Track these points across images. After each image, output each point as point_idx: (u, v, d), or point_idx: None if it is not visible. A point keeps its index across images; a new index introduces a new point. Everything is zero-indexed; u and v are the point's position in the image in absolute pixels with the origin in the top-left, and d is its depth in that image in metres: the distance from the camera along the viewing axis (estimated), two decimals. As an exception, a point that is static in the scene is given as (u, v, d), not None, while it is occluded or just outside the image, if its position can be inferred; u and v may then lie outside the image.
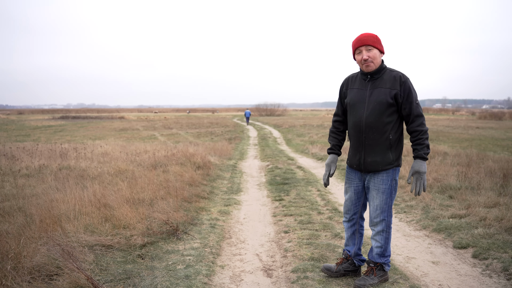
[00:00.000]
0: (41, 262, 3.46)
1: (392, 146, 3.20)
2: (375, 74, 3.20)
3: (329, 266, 3.50)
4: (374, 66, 3.17)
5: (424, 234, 4.81)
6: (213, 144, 16.39)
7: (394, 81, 3.13)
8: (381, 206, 3.25)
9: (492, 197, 5.82)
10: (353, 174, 3.41)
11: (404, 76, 3.16)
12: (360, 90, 3.26)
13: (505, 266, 3.60)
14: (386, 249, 3.32)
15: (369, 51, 3.15)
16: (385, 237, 3.30)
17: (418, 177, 3.09)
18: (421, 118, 3.14)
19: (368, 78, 3.23)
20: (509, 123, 39.24)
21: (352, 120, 3.30)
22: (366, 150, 3.23)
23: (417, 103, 3.14)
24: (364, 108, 3.20)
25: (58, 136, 24.96)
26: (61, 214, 4.79)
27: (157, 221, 4.84)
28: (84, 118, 59.03)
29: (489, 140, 18.93)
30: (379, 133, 3.16)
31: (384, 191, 3.23)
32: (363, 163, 3.26)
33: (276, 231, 5.01)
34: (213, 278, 3.59)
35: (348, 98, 3.34)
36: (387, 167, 3.19)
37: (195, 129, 30.37)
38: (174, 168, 8.55)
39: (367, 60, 3.15)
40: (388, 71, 3.21)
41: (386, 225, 3.28)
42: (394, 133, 3.19)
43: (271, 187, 7.80)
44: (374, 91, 3.18)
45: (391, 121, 3.16)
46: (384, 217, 3.26)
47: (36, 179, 7.89)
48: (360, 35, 3.21)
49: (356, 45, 3.19)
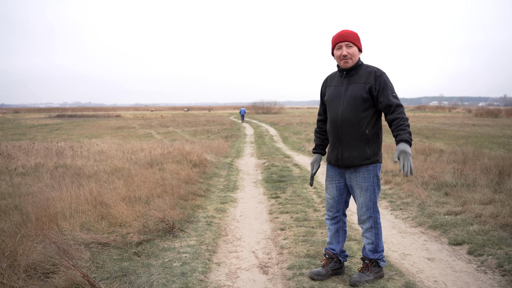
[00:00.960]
0: (37, 260, 3.46)
1: (370, 141, 3.20)
2: (351, 70, 3.24)
3: (318, 271, 3.45)
4: (352, 63, 3.20)
5: (420, 231, 4.83)
6: (210, 142, 16.39)
7: (369, 76, 3.17)
8: (366, 204, 3.27)
9: (488, 194, 5.85)
10: (333, 171, 3.42)
11: (379, 71, 3.19)
12: (337, 87, 3.30)
13: (500, 263, 3.62)
14: (378, 244, 3.34)
15: (349, 48, 3.18)
16: (375, 233, 3.32)
17: (404, 156, 2.94)
18: (401, 107, 3.10)
19: (344, 75, 3.27)
20: (505, 120, 39.40)
21: (329, 117, 3.34)
22: (343, 145, 3.24)
23: (394, 95, 3.12)
24: (340, 103, 3.23)
25: (54, 135, 24.89)
26: (57, 212, 4.78)
27: (153, 218, 4.84)
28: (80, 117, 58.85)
29: (485, 138, 19.01)
30: (355, 128, 3.17)
31: (367, 188, 3.24)
32: (341, 158, 3.27)
33: (272, 229, 5.02)
34: (209, 275, 3.60)
35: (326, 95, 3.40)
36: (364, 162, 3.20)
37: (192, 127, 30.35)
38: (171, 166, 8.54)
39: (346, 56, 3.17)
40: (364, 67, 3.25)
41: (374, 221, 3.30)
42: (371, 128, 3.19)
43: (268, 184, 7.81)
44: (350, 86, 3.21)
45: (367, 115, 3.17)
46: (371, 214, 3.28)
47: (32, 178, 7.87)
48: (342, 31, 3.24)
49: (337, 40, 3.21)
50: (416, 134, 21.14)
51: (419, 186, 6.75)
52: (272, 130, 27.14)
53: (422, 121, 36.15)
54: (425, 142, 16.15)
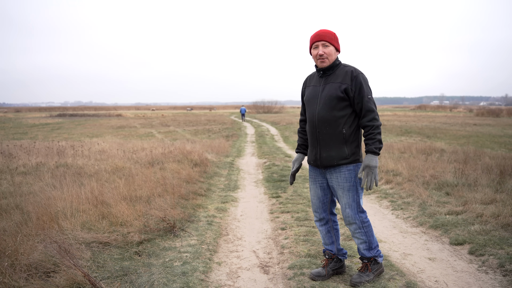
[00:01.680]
0: (38, 259, 3.46)
1: (347, 140, 3.17)
2: (328, 70, 3.23)
3: (318, 272, 3.44)
4: (328, 62, 3.19)
5: (421, 231, 4.82)
6: (210, 141, 16.39)
7: (345, 76, 3.15)
8: (350, 204, 3.23)
9: (489, 194, 5.84)
10: (314, 171, 3.40)
11: (356, 71, 3.17)
12: (315, 87, 3.30)
13: (501, 262, 3.61)
14: (371, 241, 3.30)
15: (325, 47, 3.17)
16: (364, 232, 3.27)
17: (368, 171, 3.05)
18: (372, 113, 3.11)
19: (321, 74, 3.27)
20: (506, 120, 39.33)
21: (307, 117, 3.34)
22: (320, 145, 3.23)
23: (369, 98, 3.12)
24: (317, 103, 3.23)
25: (55, 134, 24.91)
26: (58, 211, 4.79)
27: (154, 218, 4.84)
28: (81, 116, 58.88)
29: (486, 137, 18.98)
30: (332, 127, 3.16)
31: (350, 188, 3.20)
32: (319, 158, 3.25)
33: (273, 228, 5.01)
34: (210, 274, 3.60)
35: (305, 95, 3.41)
36: (342, 161, 3.17)
37: (192, 127, 30.35)
38: (171, 166, 8.54)
39: (322, 55, 3.16)
40: (342, 67, 3.23)
41: (360, 222, 3.25)
42: (348, 127, 3.17)
43: (268, 184, 7.81)
44: (326, 86, 3.20)
45: (343, 115, 3.15)
46: (355, 214, 3.23)
47: (33, 177, 7.88)
48: (319, 30, 3.22)
49: (314, 39, 3.20)
50: (417, 133, 21.12)
51: (420, 186, 6.74)
52: (273, 129, 27.13)
53: (423, 120, 36.12)
54: (426, 141, 16.14)
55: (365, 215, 3.29)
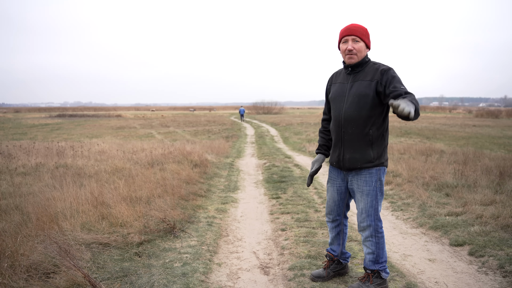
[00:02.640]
0: (38, 260, 3.46)
1: (374, 142, 3.00)
2: (356, 67, 3.06)
3: (319, 273, 3.39)
4: (357, 59, 3.03)
5: (421, 232, 4.82)
6: (210, 142, 16.39)
7: (375, 73, 2.98)
8: (367, 210, 3.06)
9: (489, 195, 5.85)
10: (335, 173, 3.27)
11: (387, 67, 2.99)
12: (342, 84, 3.14)
13: (501, 264, 3.62)
14: (379, 255, 3.11)
15: (355, 43, 3.01)
16: (375, 243, 3.09)
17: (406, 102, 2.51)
18: (412, 95, 2.78)
19: (349, 71, 3.11)
20: (505, 121, 39.37)
21: (333, 115, 3.17)
22: (345, 146, 3.08)
23: (403, 87, 2.85)
24: (344, 101, 3.06)
25: (55, 134, 24.90)
26: (58, 212, 4.78)
27: (154, 219, 4.84)
28: (81, 116, 58.86)
29: (486, 138, 19.00)
30: (358, 128, 2.99)
31: (369, 193, 3.04)
32: (342, 159, 3.10)
33: (273, 229, 5.01)
34: (210, 275, 3.60)
35: (331, 93, 3.24)
36: (367, 165, 3.01)
37: (192, 127, 30.35)
38: (171, 166, 8.54)
39: (351, 51, 3.00)
40: (371, 64, 3.06)
41: (374, 230, 3.08)
42: (376, 129, 2.99)
43: (268, 185, 7.80)
44: (355, 84, 3.04)
45: (372, 115, 2.97)
46: (371, 221, 3.07)
47: (33, 177, 7.87)
48: (350, 24, 3.06)
49: (344, 33, 3.04)
50: (417, 134, 21.13)
51: (420, 187, 6.74)
52: (272, 130, 27.13)
53: (422, 121, 36.13)
54: (425, 142, 16.15)
55: (381, 224, 3.12)
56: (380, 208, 3.11)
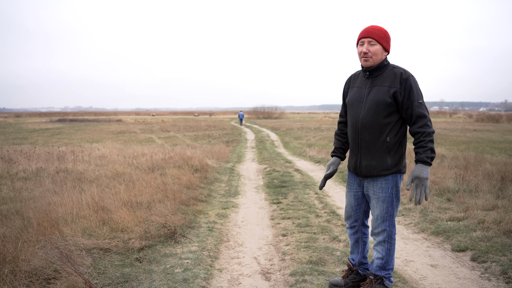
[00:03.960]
0: (38, 265, 3.45)
1: (391, 149, 2.95)
2: (375, 71, 2.99)
3: (337, 282, 3.35)
4: (373, 62, 2.95)
5: (423, 237, 4.81)
6: (211, 147, 16.38)
7: (394, 78, 2.91)
8: (382, 216, 3.03)
9: (490, 200, 5.83)
10: (352, 178, 3.22)
11: (406, 73, 2.91)
12: (360, 89, 3.07)
13: (504, 269, 3.60)
14: (387, 261, 3.09)
15: (371, 46, 2.93)
16: (386, 248, 3.07)
17: (418, 183, 2.79)
18: (424, 119, 2.85)
19: (367, 75, 3.04)
20: (506, 125, 39.35)
21: (349, 120, 3.12)
22: (362, 153, 3.03)
23: (420, 102, 2.86)
24: (361, 107, 3.00)
25: (56, 139, 24.90)
26: (58, 217, 4.77)
27: (154, 224, 4.83)
28: (81, 121, 58.90)
29: (487, 143, 18.98)
30: (375, 135, 2.94)
31: (384, 199, 3.00)
32: (359, 166, 3.06)
33: (274, 234, 5.00)
34: (211, 281, 3.58)
35: (348, 97, 3.16)
36: (384, 172, 2.96)
37: (193, 132, 30.35)
38: (172, 171, 8.53)
39: (366, 54, 2.93)
40: (390, 68, 2.98)
41: (388, 236, 3.05)
42: (394, 136, 2.94)
43: (269, 190, 7.79)
44: (373, 89, 2.97)
45: (389, 122, 2.92)
46: (385, 227, 3.03)
47: (34, 182, 7.86)
48: (369, 26, 2.99)
49: (361, 35, 2.98)
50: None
51: (421, 192, 6.72)
52: (273, 135, 27.14)
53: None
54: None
55: (395, 231, 3.09)
56: (396, 214, 3.08)
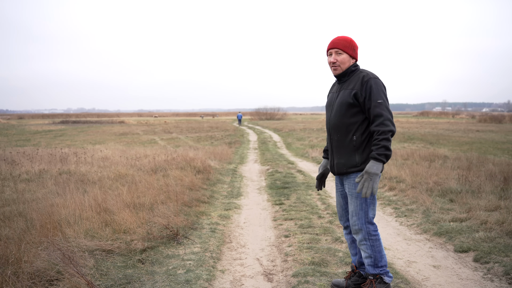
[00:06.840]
0: (41, 267, 3.46)
1: (358, 148, 3.09)
2: (343, 76, 3.20)
3: (338, 282, 3.38)
4: (340, 70, 3.17)
5: (425, 238, 4.80)
6: (213, 148, 16.39)
7: (357, 81, 3.09)
8: (356, 212, 3.11)
9: (493, 201, 5.82)
10: (336, 178, 3.38)
11: (368, 75, 3.07)
12: (333, 94, 3.32)
13: (506, 270, 3.59)
14: (376, 258, 3.12)
15: (338, 55, 3.14)
16: (370, 246, 3.11)
17: (367, 177, 2.89)
18: (380, 118, 2.96)
19: (338, 81, 3.28)
20: (509, 126, 39.24)
21: (326, 123, 3.34)
22: (334, 152, 3.23)
23: (379, 102, 2.99)
24: (331, 110, 3.24)
25: (58, 141, 24.96)
26: (61, 219, 4.79)
27: (157, 225, 4.84)
28: (84, 123, 59.03)
29: (490, 143, 18.92)
30: (343, 134, 3.13)
31: (358, 195, 3.09)
32: (333, 165, 3.25)
33: (276, 235, 5.00)
34: (214, 282, 3.58)
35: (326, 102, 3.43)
36: (352, 169, 3.10)
37: (195, 133, 30.38)
38: (174, 173, 8.54)
39: (334, 63, 3.15)
40: (358, 73, 3.16)
41: (366, 233, 3.11)
42: (360, 135, 3.09)
43: (271, 191, 7.79)
44: (340, 93, 3.19)
45: (355, 122, 3.09)
46: (361, 225, 3.10)
47: (36, 184, 7.89)
48: (335, 38, 3.20)
49: (329, 47, 3.19)
50: (420, 140, 21.08)
51: (424, 193, 6.72)
52: (275, 136, 27.13)
53: (425, 127, 36.07)
54: (429, 148, 16.11)
55: (374, 227, 3.14)
56: (371, 212, 3.14)
